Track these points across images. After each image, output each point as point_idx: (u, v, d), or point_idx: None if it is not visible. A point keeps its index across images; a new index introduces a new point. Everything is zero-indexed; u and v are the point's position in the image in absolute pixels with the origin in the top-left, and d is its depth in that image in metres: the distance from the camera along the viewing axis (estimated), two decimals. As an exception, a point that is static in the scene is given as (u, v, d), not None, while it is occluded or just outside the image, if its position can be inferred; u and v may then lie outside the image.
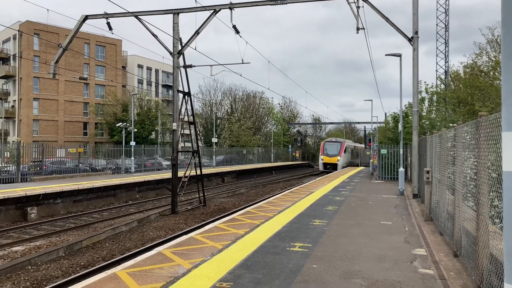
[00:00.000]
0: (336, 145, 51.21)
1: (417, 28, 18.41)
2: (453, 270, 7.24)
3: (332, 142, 52.69)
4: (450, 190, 8.94)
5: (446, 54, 37.36)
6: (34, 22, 59.28)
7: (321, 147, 52.42)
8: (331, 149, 50.62)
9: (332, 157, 49.57)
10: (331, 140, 54.88)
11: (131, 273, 6.65)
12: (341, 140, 53.42)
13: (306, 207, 14.18)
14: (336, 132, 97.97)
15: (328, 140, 54.66)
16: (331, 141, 53.47)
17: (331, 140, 54.27)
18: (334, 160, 49.41)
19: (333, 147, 50.93)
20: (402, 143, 21.00)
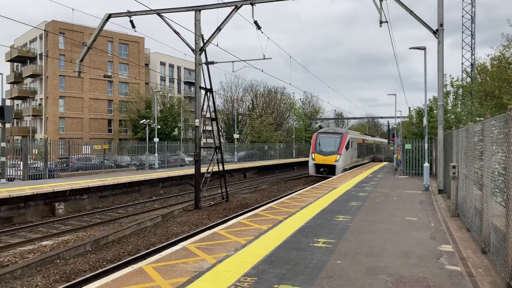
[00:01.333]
0: (334, 138, 33.58)
1: (442, 20, 18.02)
2: (482, 267, 7.10)
3: (329, 134, 34.44)
4: (477, 185, 8.75)
5: (472, 46, 36.48)
6: (59, 22, 60.48)
7: (312, 141, 34.62)
8: (327, 144, 33.43)
9: (327, 156, 32.33)
10: (328, 131, 35.98)
11: (156, 267, 6.75)
12: (341, 131, 35.79)
13: (329, 203, 14.10)
14: (359, 127, 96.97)
15: (323, 131, 35.74)
16: (327, 133, 34.98)
17: (328, 131, 35.57)
18: (330, 160, 32.12)
19: (330, 140, 33.55)
20: (427, 137, 20.63)
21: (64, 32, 59.06)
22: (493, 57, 26.08)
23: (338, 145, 32.72)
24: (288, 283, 5.99)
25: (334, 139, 33.39)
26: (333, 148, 32.66)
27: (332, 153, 32.38)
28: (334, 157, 32.21)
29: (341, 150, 32.42)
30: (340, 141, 32.98)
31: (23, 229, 15.14)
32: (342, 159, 32.31)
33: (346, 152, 33.20)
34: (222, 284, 5.93)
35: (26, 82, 69.91)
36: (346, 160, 33.24)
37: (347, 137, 33.50)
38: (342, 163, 32.35)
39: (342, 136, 33.49)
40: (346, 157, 33.33)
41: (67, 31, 58.56)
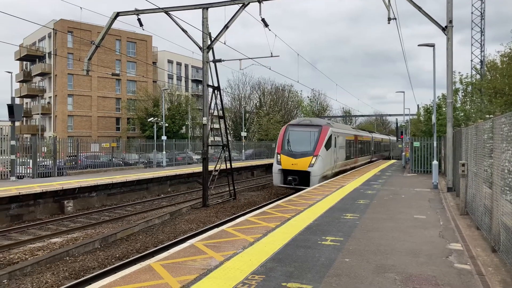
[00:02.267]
0: (308, 132, 23.80)
1: (451, 17, 17.86)
2: (491, 265, 7.04)
3: (302, 127, 24.38)
4: (487, 183, 8.68)
5: (482, 43, 36.15)
6: (67, 20, 60.82)
7: (279, 137, 24.39)
8: (299, 141, 23.81)
9: (299, 158, 22.61)
10: (301, 122, 25.60)
11: (165, 265, 6.77)
12: (319, 123, 25.03)
13: (337, 200, 14.06)
14: (367, 125, 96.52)
15: (295, 123, 25.63)
16: (300, 125, 24.86)
17: (301, 123, 25.24)
18: (302, 165, 22.42)
19: (303, 136, 23.86)
20: (436, 135, 20.49)
21: (72, 30, 59.36)
22: (503, 53, 25.84)
23: (315, 142, 22.55)
24: (296, 281, 5.99)
25: (309, 134, 23.12)
26: (307, 147, 22.58)
27: (305, 154, 22.23)
28: (307, 160, 21.96)
29: (319, 150, 22.21)
30: (317, 136, 22.76)
31: (32, 227, 15.28)
32: (319, 163, 21.98)
33: (327, 153, 22.89)
34: (230, 281, 5.94)
35: (35, 81, 70.45)
36: (326, 164, 22.93)
37: (328, 132, 23.14)
38: (320, 168, 22.04)
39: (321, 129, 23.07)
40: (327, 159, 22.96)
41: (75, 30, 58.86)
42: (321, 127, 23.30)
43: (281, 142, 23.37)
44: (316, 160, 21.96)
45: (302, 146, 22.79)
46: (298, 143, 23.09)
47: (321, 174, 22.21)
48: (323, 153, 22.45)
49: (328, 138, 23.01)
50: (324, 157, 22.52)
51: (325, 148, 22.64)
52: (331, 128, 23.97)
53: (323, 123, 24.54)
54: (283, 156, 22.66)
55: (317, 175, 21.81)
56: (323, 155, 22.43)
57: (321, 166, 22.19)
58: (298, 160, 22.18)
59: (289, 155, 22.53)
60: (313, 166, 21.74)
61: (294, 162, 22.18)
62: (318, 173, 21.89)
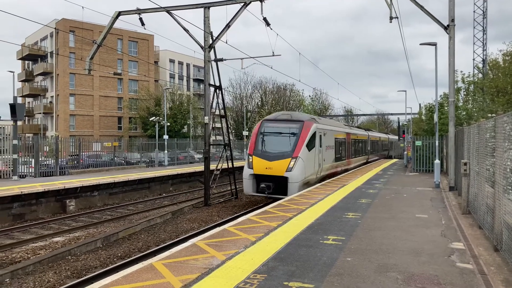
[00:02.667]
0: (288, 129, 19.71)
1: (453, 15, 17.82)
2: (494, 265, 7.03)
3: (280, 123, 20.14)
4: (489, 182, 8.66)
5: (484, 41, 36.05)
6: (69, 20, 60.87)
7: (252, 135, 20.25)
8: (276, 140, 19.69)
9: (274, 161, 18.56)
10: (278, 117, 20.81)
11: (166, 264, 6.78)
12: (301, 117, 20.82)
13: (339, 200, 14.05)
14: (368, 124, 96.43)
15: (272, 118, 21.10)
16: (277, 120, 20.43)
17: (278, 118, 20.65)
18: (278, 169, 18.43)
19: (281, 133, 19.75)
20: (438, 134, 20.46)
21: (74, 30, 59.42)
22: (505, 52, 25.80)
23: (295, 141, 18.73)
24: (298, 280, 5.98)
25: (288, 131, 19.27)
26: (284, 147, 18.72)
27: (282, 155, 18.32)
28: (284, 163, 18.07)
29: (299, 150, 18.35)
30: (298, 134, 18.88)
31: (35, 226, 15.31)
32: (299, 167, 18.06)
33: (309, 154, 18.93)
34: (232, 280, 5.94)
35: (37, 80, 70.55)
36: (309, 167, 18.89)
37: (312, 128, 19.23)
38: (300, 172, 18.11)
39: (302, 125, 19.13)
40: (309, 162, 18.99)
41: (77, 29, 58.90)
42: (303, 123, 19.21)
43: (254, 141, 19.23)
44: (296, 163, 17.92)
45: (278, 146, 18.79)
46: (274, 142, 19.00)
47: (302, 180, 18.16)
48: (305, 154, 18.42)
49: (311, 136, 18.97)
50: (306, 159, 18.47)
51: (307, 148, 18.60)
52: (315, 124, 19.83)
53: (305, 118, 20.36)
54: (255, 159, 18.55)
55: (297, 181, 17.82)
56: (305, 157, 18.35)
57: (302, 171, 18.10)
58: (273, 163, 18.18)
59: (263, 156, 18.46)
60: (291, 171, 17.80)
61: (268, 165, 18.18)
62: (297, 179, 17.87)
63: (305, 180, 18.54)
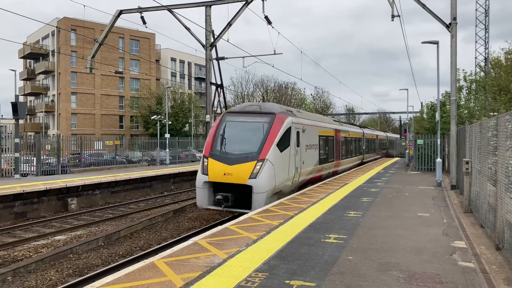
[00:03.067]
0: (254, 124, 15.56)
1: (455, 14, 17.79)
2: (495, 263, 7.02)
3: (246, 116, 15.86)
4: (491, 181, 8.65)
5: (486, 40, 35.98)
6: (71, 18, 60.90)
7: (210, 133, 16.22)
8: (238, 138, 15.34)
9: (235, 165, 14.38)
10: (244, 109, 16.43)
11: (168, 262, 6.79)
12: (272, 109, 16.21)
13: (341, 198, 14.04)
14: (370, 123, 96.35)
15: (237, 110, 16.78)
16: (243, 113, 16.10)
17: (244, 110, 16.30)
18: (239, 175, 14.24)
19: (246, 129, 15.59)
20: (440, 133, 20.42)
21: (75, 28, 59.46)
22: (508, 51, 25.72)
23: (262, 139, 14.90)
24: (299, 278, 5.99)
25: (255, 126, 15.47)
26: (248, 147, 14.92)
27: (245, 157, 14.56)
28: (248, 168, 14.32)
29: (267, 151, 14.53)
30: (266, 130, 15.11)
31: (36, 224, 15.34)
32: (268, 172, 14.27)
33: (281, 156, 15.08)
34: (234, 279, 5.95)
35: (38, 79, 70.64)
36: (281, 172, 15.03)
37: (286, 123, 15.44)
38: (269, 179, 14.29)
39: (273, 119, 15.37)
40: (282, 165, 15.14)
41: (78, 28, 58.93)
42: (274, 116, 15.33)
43: (211, 139, 15.31)
44: (263, 167, 14.02)
45: (242, 146, 14.89)
46: (236, 141, 15.06)
47: (271, 188, 14.20)
48: (275, 156, 14.50)
49: (284, 132, 15.11)
50: (277, 162, 14.54)
51: (278, 148, 14.70)
52: (290, 117, 15.97)
53: (278, 109, 16.19)
54: (211, 162, 14.68)
55: (264, 191, 13.91)
56: (275, 159, 14.45)
57: (271, 177, 14.19)
58: (234, 167, 14.19)
59: (221, 159, 14.56)
60: (256, 177, 13.89)
61: (227, 170, 14.24)
62: (265, 188, 13.95)
63: (276, 188, 14.56)
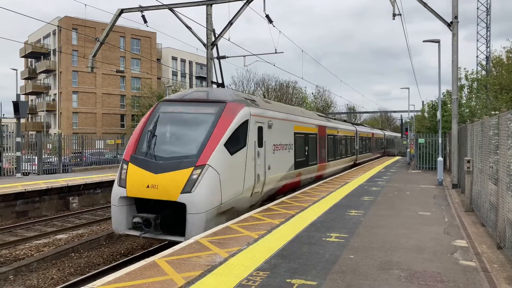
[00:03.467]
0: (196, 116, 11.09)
1: (456, 12, 17.75)
2: (497, 262, 7.02)
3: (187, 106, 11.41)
4: (492, 180, 8.65)
5: (487, 38, 35.92)
6: (72, 18, 60.93)
7: (136, 129, 11.49)
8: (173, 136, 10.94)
9: (163, 173, 9.94)
10: (186, 97, 11.86)
11: (169, 261, 6.79)
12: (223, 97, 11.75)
13: (342, 197, 14.04)
14: (371, 121, 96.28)
15: (175, 99, 12.12)
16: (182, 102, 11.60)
17: (186, 98, 11.77)
18: (168, 188, 9.78)
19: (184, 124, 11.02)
20: (441, 131, 20.41)
21: (77, 27, 59.48)
22: (509, 49, 25.67)
23: (205, 136, 10.70)
24: (300, 277, 5.99)
25: (197, 118, 11.26)
26: (186, 147, 10.74)
27: (177, 163, 10.26)
28: (181, 177, 9.97)
29: (210, 153, 10.28)
30: (212, 124, 10.93)
31: (38, 223, 15.36)
32: (210, 183, 10.04)
33: (233, 159, 10.87)
34: (235, 278, 5.95)
35: (40, 78, 70.69)
36: (233, 183, 10.86)
37: (241, 114, 11.40)
38: (211, 194, 10.05)
39: (223, 109, 11.27)
40: (234, 173, 10.97)
41: (79, 27, 58.96)
42: (224, 105, 11.23)
43: (136, 138, 11.24)
44: (202, 176, 9.93)
45: (176, 146, 10.80)
46: (169, 140, 11.01)
47: (216, 206, 10.10)
48: (222, 160, 10.41)
49: (237, 127, 11.01)
50: (225, 169, 10.43)
51: (226, 150, 10.56)
52: (247, 108, 11.69)
53: (230, 97, 11.92)
54: (132, 169, 10.55)
55: (203, 211, 9.78)
56: (222, 164, 10.36)
57: (214, 190, 10.10)
58: (161, 177, 10.07)
59: (145, 165, 10.42)
60: (192, 191, 9.79)
61: (152, 181, 10.08)
62: (204, 206, 9.82)
63: (224, 205, 10.32)
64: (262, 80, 74.83)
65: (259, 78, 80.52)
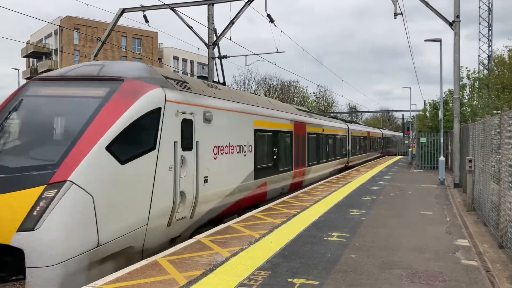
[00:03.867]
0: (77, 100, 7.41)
1: (458, 11, 17.72)
2: (499, 261, 7.01)
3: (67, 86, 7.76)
4: (494, 179, 8.63)
5: (489, 38, 35.85)
6: (73, 17, 61.00)
7: None
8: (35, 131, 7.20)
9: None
10: (68, 74, 8.11)
11: (171, 260, 6.80)
12: (125, 72, 7.93)
13: (343, 197, 14.04)
14: (373, 121, 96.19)
15: (54, 76, 8.35)
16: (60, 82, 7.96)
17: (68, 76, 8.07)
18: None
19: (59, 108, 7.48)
20: (443, 131, 20.39)
21: (78, 27, 59.52)
22: (511, 48, 25.62)
23: (77, 133, 6.81)
24: (302, 277, 5.99)
25: (75, 104, 7.49)
26: (46, 151, 6.90)
27: (19, 178, 6.32)
28: (21, 202, 6.05)
29: (78, 161, 6.39)
30: (92, 113, 7.09)
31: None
32: (72, 214, 6.14)
33: (125, 172, 7.00)
34: (236, 277, 5.96)
35: (42, 78, 70.74)
36: (124, 208, 6.95)
37: (144, 99, 7.55)
38: (80, 230, 6.23)
39: (116, 90, 7.46)
40: (129, 194, 7.08)
41: (81, 27, 58.99)
42: (119, 84, 7.69)
43: None
44: (59, 202, 6.11)
45: (28, 150, 7.22)
46: (24, 139, 7.44)
47: (88, 252, 6.39)
48: (101, 173, 6.71)
49: (136, 119, 7.40)
50: (107, 188, 6.76)
51: (110, 155, 6.87)
52: (160, 89, 8.17)
53: (134, 72, 8.26)
54: None
55: (57, 261, 5.96)
56: (101, 181, 6.68)
57: (84, 225, 6.35)
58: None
59: None
60: (36, 229, 5.96)
61: None
62: (62, 254, 6.01)
63: (108, 247, 6.84)
64: (263, 80, 74.80)
65: (261, 78, 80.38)
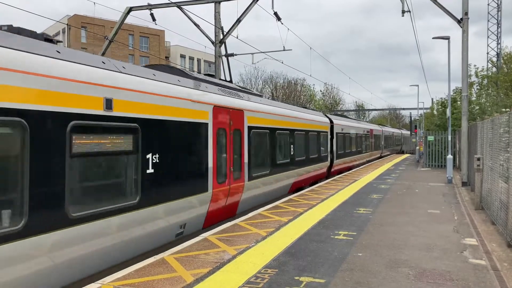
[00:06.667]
0: None
1: (467, 8, 17.58)
2: (507, 260, 6.96)
3: None
4: (503, 178, 8.57)
5: (498, 35, 35.54)
6: (81, 16, 61.30)
7: None
8: None
9: None
10: None
11: (178, 258, 6.83)
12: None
13: (350, 195, 14.01)
14: (380, 119, 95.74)
15: None
16: None
17: None
18: None
19: None
20: (450, 129, 20.26)
21: (86, 26, 59.81)
22: (520, 46, 25.37)
23: None
24: (309, 275, 5.99)
25: None
26: None
27: None
28: None
29: None
30: None
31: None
32: None
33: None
34: (243, 275, 5.97)
35: (50, 76, 71.20)
36: None
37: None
38: None
39: None
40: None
41: (89, 25, 59.28)
42: None
43: None
44: None
45: None
46: None
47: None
48: None
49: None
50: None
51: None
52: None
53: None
54: None
55: None
56: None
57: None
58: None
59: None
60: None
61: None
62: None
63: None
64: (270, 78, 74.74)
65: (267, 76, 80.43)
